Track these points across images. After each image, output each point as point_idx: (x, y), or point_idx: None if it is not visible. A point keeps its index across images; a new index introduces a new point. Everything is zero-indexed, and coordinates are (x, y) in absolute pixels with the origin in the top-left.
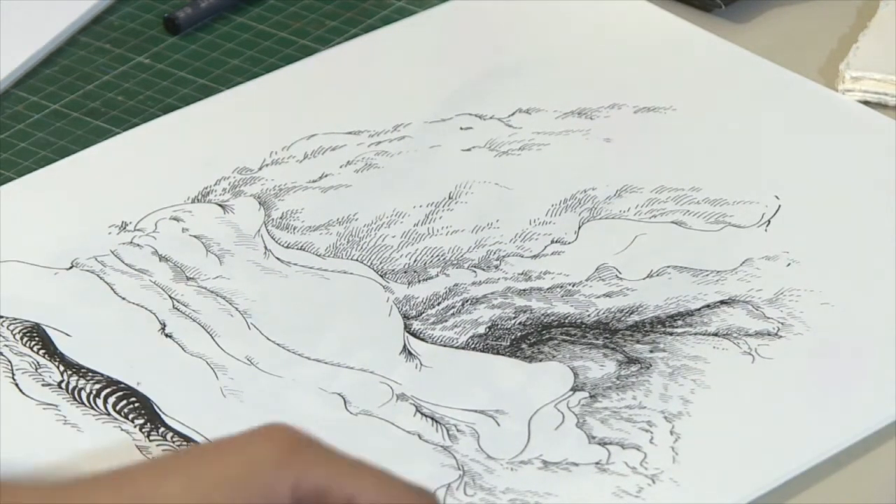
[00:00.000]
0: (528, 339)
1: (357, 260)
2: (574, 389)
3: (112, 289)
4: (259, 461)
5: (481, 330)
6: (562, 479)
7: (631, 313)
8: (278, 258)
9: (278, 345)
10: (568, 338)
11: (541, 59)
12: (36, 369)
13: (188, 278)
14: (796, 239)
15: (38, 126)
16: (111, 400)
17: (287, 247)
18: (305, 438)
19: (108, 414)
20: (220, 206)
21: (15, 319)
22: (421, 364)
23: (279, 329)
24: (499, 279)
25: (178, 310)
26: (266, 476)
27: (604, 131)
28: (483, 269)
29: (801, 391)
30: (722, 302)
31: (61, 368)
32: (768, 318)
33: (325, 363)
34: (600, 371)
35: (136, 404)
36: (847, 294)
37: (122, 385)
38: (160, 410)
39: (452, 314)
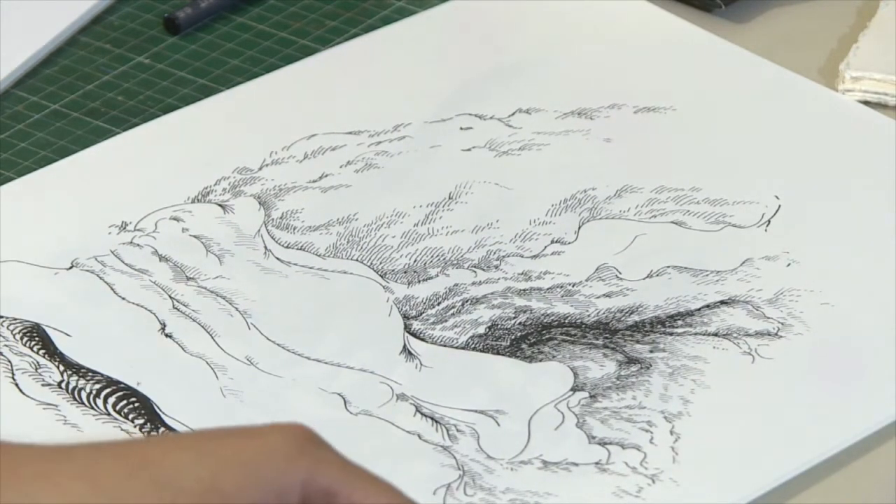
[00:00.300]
0: (528, 339)
1: (357, 260)
2: (574, 389)
3: (112, 289)
4: (273, 451)
5: (481, 330)
6: (562, 479)
7: (631, 313)
8: (278, 258)
9: (278, 345)
10: (568, 338)
11: (541, 59)
12: (36, 369)
13: (188, 278)
14: (796, 239)
15: (38, 126)
16: (111, 400)
17: (287, 247)
18: (320, 440)
19: (108, 414)
20: (220, 206)
21: (15, 319)
22: (421, 364)
23: (279, 329)
24: (499, 279)
25: (178, 310)
26: (278, 466)
27: (604, 131)
28: (483, 269)
29: (801, 391)
30: (722, 302)
31: (61, 368)
32: (768, 318)
33: (325, 363)
34: (600, 371)
35: (136, 404)
36: (847, 294)
37: (122, 385)
38: (160, 410)
39: (452, 314)
